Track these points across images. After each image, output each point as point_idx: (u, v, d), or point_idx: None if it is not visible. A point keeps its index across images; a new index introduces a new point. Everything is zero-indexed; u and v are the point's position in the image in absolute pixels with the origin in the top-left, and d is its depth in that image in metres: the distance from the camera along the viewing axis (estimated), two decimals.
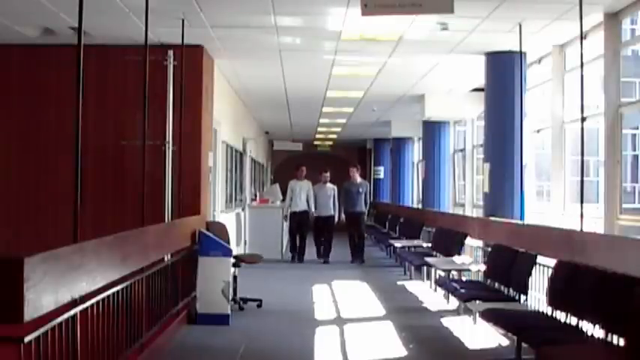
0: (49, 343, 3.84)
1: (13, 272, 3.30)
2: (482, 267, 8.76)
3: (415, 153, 20.21)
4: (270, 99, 14.82)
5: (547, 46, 9.46)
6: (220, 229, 8.96)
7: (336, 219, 14.58)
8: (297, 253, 14.40)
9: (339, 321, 8.31)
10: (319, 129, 21.53)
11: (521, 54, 9.05)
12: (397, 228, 16.37)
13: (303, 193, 14.36)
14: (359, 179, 14.76)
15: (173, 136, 8.40)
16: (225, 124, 12.01)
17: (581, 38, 6.68)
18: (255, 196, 17.44)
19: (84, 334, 4.41)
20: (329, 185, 14.58)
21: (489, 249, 8.82)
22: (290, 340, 7.33)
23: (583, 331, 5.45)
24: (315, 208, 14.36)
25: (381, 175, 23.88)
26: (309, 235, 14.50)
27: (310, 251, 14.46)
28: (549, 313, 6.07)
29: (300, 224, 14.38)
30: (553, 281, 6.15)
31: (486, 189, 9.73)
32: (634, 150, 22.79)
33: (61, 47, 8.40)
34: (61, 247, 3.92)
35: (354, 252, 14.51)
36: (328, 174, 14.64)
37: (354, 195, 14.47)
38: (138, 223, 6.28)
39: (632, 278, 4.94)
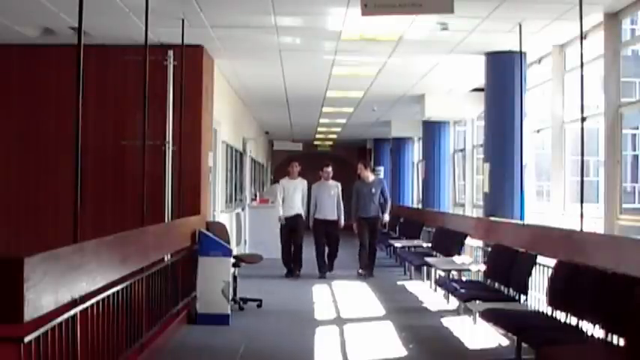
0: (49, 343, 3.85)
1: (13, 272, 3.30)
2: (482, 267, 8.76)
3: (415, 153, 20.19)
4: (270, 99, 14.79)
5: (547, 46, 9.45)
6: (220, 229, 8.96)
7: (341, 223, 12.31)
8: (292, 266, 12.12)
9: (339, 321, 8.31)
10: (319, 129, 21.51)
11: (521, 54, 9.04)
12: (397, 228, 16.36)
13: (296, 194, 12.21)
14: (371, 177, 12.43)
15: (173, 136, 8.41)
16: (225, 124, 12.00)
17: (581, 38, 6.68)
18: (255, 196, 17.43)
19: (84, 334, 4.41)
20: (332, 182, 12.39)
21: (489, 249, 8.82)
22: (290, 340, 7.33)
23: (583, 331, 5.46)
24: (317, 211, 12.25)
25: (381, 175, 23.79)
26: (307, 244, 12.28)
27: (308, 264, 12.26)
28: (549, 313, 6.07)
29: (294, 231, 12.11)
30: (553, 281, 6.15)
31: (486, 189, 9.73)
32: (634, 150, 22.77)
33: (61, 47, 8.40)
34: (61, 247, 3.93)
35: (362, 262, 12.20)
36: (330, 169, 12.44)
37: (366, 196, 12.11)
38: (138, 223, 6.28)
39: (632, 278, 4.95)
